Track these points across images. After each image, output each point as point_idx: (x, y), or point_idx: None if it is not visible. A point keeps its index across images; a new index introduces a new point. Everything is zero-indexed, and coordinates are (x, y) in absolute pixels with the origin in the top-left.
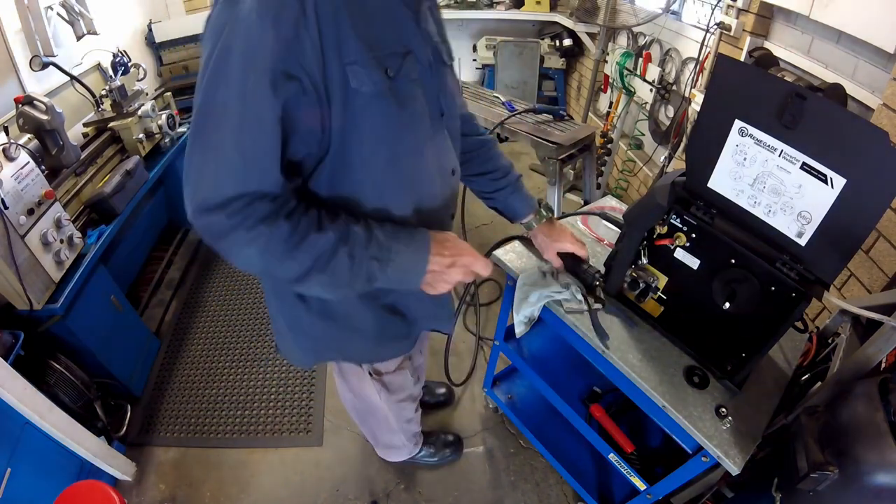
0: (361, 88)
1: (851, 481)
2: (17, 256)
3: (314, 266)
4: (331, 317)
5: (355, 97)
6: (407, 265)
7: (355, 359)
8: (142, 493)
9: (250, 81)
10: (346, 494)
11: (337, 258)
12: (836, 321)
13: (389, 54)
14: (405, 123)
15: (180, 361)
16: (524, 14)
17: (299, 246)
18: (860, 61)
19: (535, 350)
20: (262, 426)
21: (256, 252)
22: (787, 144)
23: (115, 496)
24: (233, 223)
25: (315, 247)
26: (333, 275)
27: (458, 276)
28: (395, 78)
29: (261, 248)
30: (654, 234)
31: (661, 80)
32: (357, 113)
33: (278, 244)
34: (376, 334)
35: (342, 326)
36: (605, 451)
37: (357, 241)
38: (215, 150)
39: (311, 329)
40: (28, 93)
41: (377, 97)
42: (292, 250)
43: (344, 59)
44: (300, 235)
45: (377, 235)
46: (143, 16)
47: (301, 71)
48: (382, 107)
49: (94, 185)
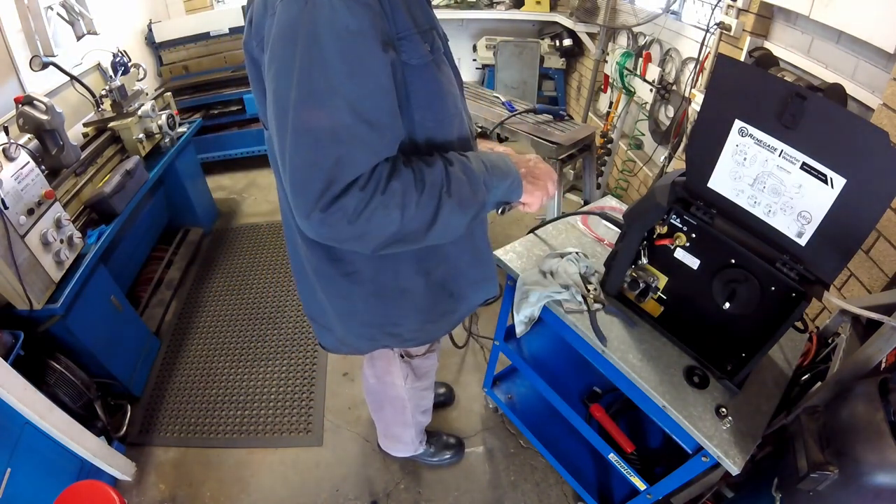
0: (411, 61)
1: (851, 481)
2: (17, 256)
3: (441, 196)
4: (383, 294)
5: (407, 68)
6: (503, 170)
7: (407, 339)
8: (142, 493)
9: (356, 53)
10: (346, 494)
11: (453, 179)
12: (836, 321)
13: (427, 30)
14: (446, 91)
15: (180, 361)
16: (524, 14)
17: (424, 185)
18: (860, 61)
19: (535, 350)
20: (262, 426)
21: (396, 209)
22: (787, 144)
23: (115, 496)
24: (367, 194)
25: (436, 179)
26: (459, 195)
27: (545, 184)
28: (433, 51)
29: (399, 203)
30: (654, 234)
31: (661, 80)
32: (409, 82)
33: (411, 193)
34: (427, 309)
35: (395, 304)
36: (605, 451)
37: (456, 160)
38: (332, 134)
39: (364, 313)
40: (28, 93)
41: (423, 69)
42: (422, 192)
43: (399, 33)
44: (419, 176)
45: (462, 155)
46: (143, 16)
47: (388, 38)
48: (427, 77)
49: (94, 185)
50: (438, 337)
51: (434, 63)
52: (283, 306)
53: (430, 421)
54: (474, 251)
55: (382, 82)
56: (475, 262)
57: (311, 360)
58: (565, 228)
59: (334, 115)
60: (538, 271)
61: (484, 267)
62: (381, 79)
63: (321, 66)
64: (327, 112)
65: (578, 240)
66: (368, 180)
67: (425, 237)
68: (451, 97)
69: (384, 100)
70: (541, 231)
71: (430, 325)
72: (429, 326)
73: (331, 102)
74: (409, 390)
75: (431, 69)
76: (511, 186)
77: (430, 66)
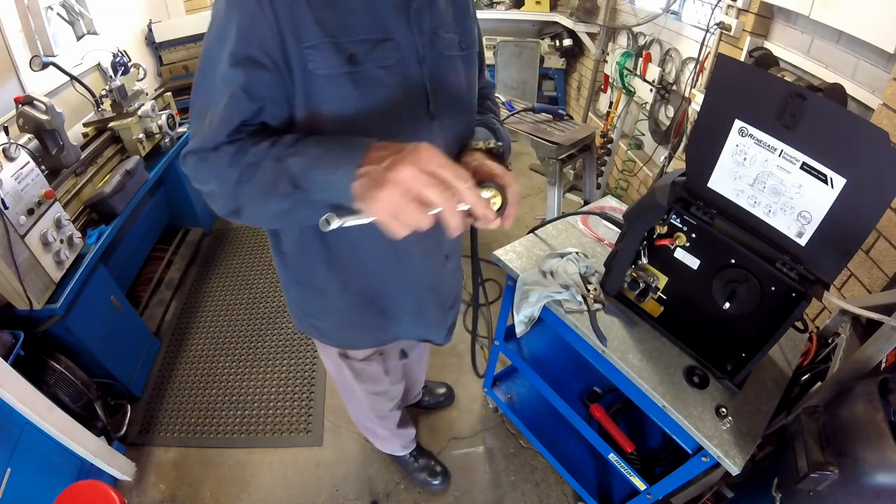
0: (317, 71)
1: (851, 481)
2: (17, 256)
3: (239, 178)
4: (303, 284)
5: (313, 78)
6: (335, 160)
7: (326, 336)
8: (142, 493)
9: (208, 55)
10: (346, 494)
11: (263, 162)
12: (836, 321)
13: (358, 40)
14: (369, 112)
15: (180, 361)
16: (524, 14)
17: (234, 158)
18: (860, 61)
19: (535, 350)
20: (262, 426)
21: (213, 181)
22: (787, 144)
23: (115, 496)
24: (196, 158)
25: (245, 156)
26: (260, 182)
27: (401, 190)
28: (362, 63)
29: (216, 175)
30: (654, 234)
31: (661, 80)
32: (316, 93)
33: (222, 168)
34: (345, 315)
35: (313, 297)
36: (605, 451)
37: (284, 142)
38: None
39: (291, 292)
40: (28, 93)
41: (332, 80)
42: (234, 168)
43: (302, 42)
44: (240, 153)
45: (313, 139)
46: (143, 16)
47: (262, 55)
48: (339, 90)
49: (94, 185)
50: (362, 347)
51: (350, 76)
52: (283, 306)
53: (407, 431)
54: (406, 282)
55: (215, 97)
56: (408, 292)
57: (311, 360)
58: (565, 228)
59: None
60: (538, 271)
61: (420, 303)
62: (216, 89)
63: (209, 59)
64: (202, 85)
65: (578, 240)
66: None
67: (241, 216)
68: (378, 121)
69: (210, 105)
70: (541, 231)
71: (349, 332)
72: (348, 333)
73: (204, 83)
74: (361, 389)
75: (343, 83)
76: (338, 186)
77: (342, 78)
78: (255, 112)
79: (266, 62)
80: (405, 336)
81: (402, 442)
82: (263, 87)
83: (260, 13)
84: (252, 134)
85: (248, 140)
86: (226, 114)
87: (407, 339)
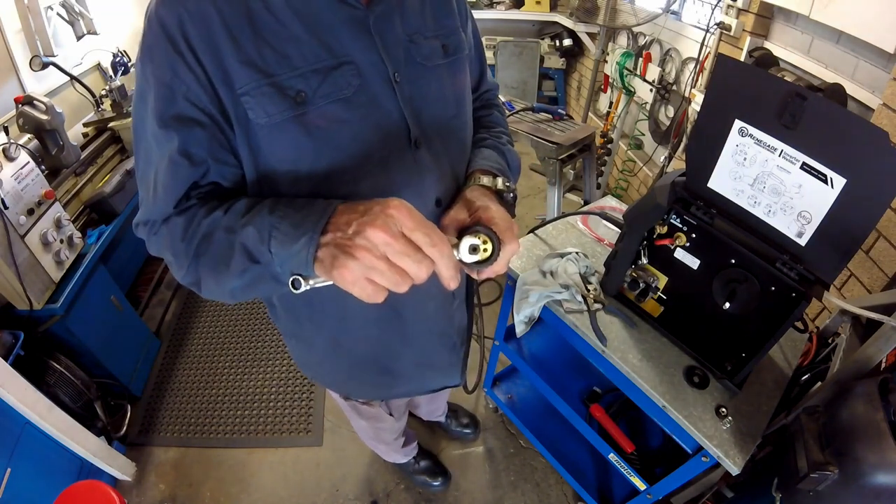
0: (258, 120)
1: (851, 481)
2: (17, 256)
3: (196, 252)
4: (300, 339)
5: (256, 129)
6: (293, 230)
7: (328, 384)
8: (142, 493)
9: (151, 123)
10: (346, 494)
11: (216, 234)
12: (836, 321)
13: (304, 73)
14: (329, 160)
15: (180, 361)
16: (524, 14)
17: (186, 232)
18: (860, 61)
19: (535, 350)
20: (262, 426)
21: (167, 251)
22: (787, 144)
23: (115, 496)
24: (147, 230)
25: (199, 227)
26: (213, 256)
27: (372, 259)
28: (311, 101)
29: (168, 247)
30: (654, 234)
31: (661, 80)
32: (263, 147)
33: (177, 242)
34: (345, 371)
35: (312, 352)
36: (605, 451)
37: (237, 209)
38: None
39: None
40: (28, 93)
41: (278, 129)
42: (187, 242)
43: (233, 88)
44: (191, 221)
45: (269, 203)
46: (143, 16)
47: (193, 110)
48: (289, 139)
49: (94, 185)
50: (368, 399)
51: (298, 120)
52: None
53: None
54: (409, 336)
55: (153, 159)
56: (412, 346)
57: None
58: (565, 228)
59: (141, 165)
60: (538, 271)
61: (428, 353)
62: (153, 151)
63: (141, 120)
64: (141, 158)
65: (578, 240)
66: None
67: (202, 288)
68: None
69: (151, 170)
70: (541, 231)
71: (353, 385)
72: (352, 386)
73: (140, 152)
74: (364, 419)
75: (292, 129)
76: (299, 258)
77: (289, 124)
78: (202, 174)
79: (199, 118)
80: (415, 393)
81: (406, 452)
82: (202, 148)
83: (180, 63)
84: (205, 197)
85: (200, 208)
86: (168, 182)
87: (417, 395)
